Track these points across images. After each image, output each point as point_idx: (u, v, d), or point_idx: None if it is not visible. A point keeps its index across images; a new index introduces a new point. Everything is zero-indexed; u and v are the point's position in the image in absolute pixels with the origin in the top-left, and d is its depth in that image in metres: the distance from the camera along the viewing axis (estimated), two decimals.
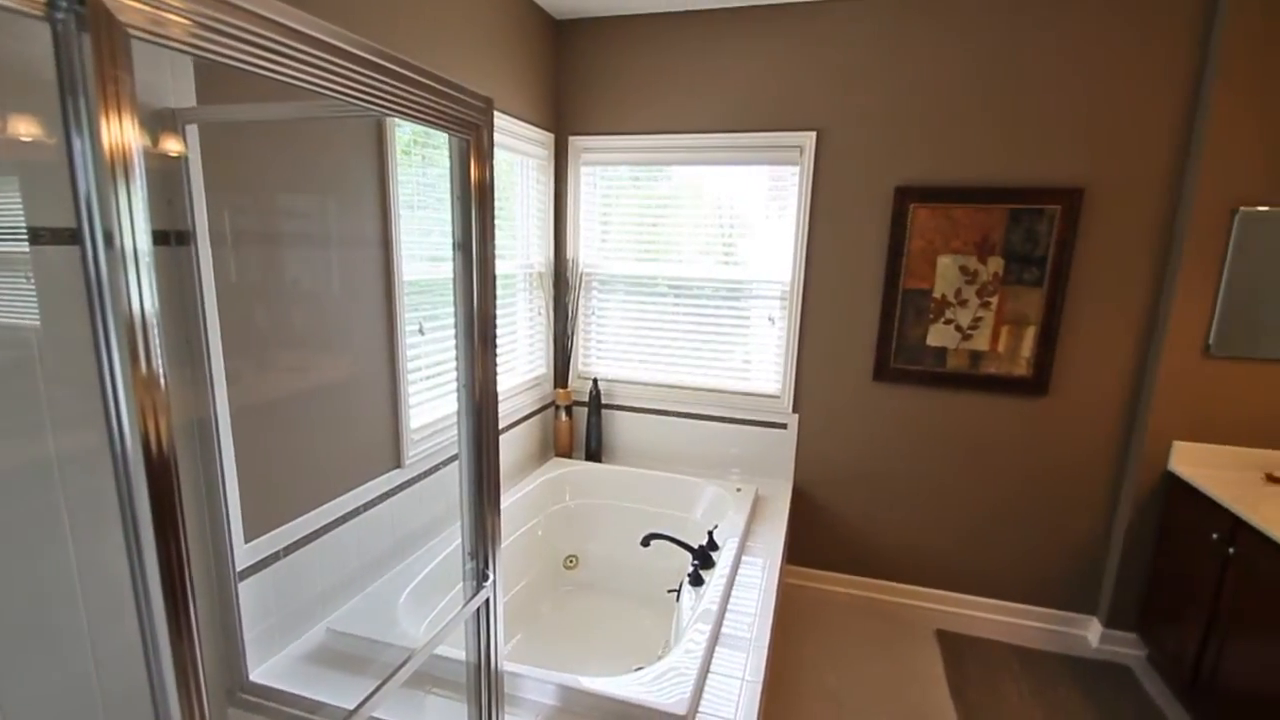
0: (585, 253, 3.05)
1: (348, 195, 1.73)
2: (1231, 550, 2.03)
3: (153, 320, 0.60)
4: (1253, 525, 1.94)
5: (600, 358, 3.15)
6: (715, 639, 1.79)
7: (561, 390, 3.06)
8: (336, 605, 1.78)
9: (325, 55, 0.77)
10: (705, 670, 1.66)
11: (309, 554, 1.67)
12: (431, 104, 0.99)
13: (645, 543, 2.36)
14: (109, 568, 1.12)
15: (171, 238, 1.28)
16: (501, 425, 2.67)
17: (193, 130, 1.28)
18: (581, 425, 3.15)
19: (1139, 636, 2.58)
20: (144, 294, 0.59)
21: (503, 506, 2.04)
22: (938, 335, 2.66)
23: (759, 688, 1.62)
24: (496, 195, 2.55)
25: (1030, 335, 2.57)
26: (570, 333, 3.06)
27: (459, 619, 1.23)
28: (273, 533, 1.56)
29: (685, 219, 2.92)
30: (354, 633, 1.67)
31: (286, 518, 1.60)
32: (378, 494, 1.91)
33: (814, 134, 2.65)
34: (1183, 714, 2.27)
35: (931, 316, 2.65)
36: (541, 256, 2.97)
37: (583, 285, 3.08)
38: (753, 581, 2.11)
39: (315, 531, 1.69)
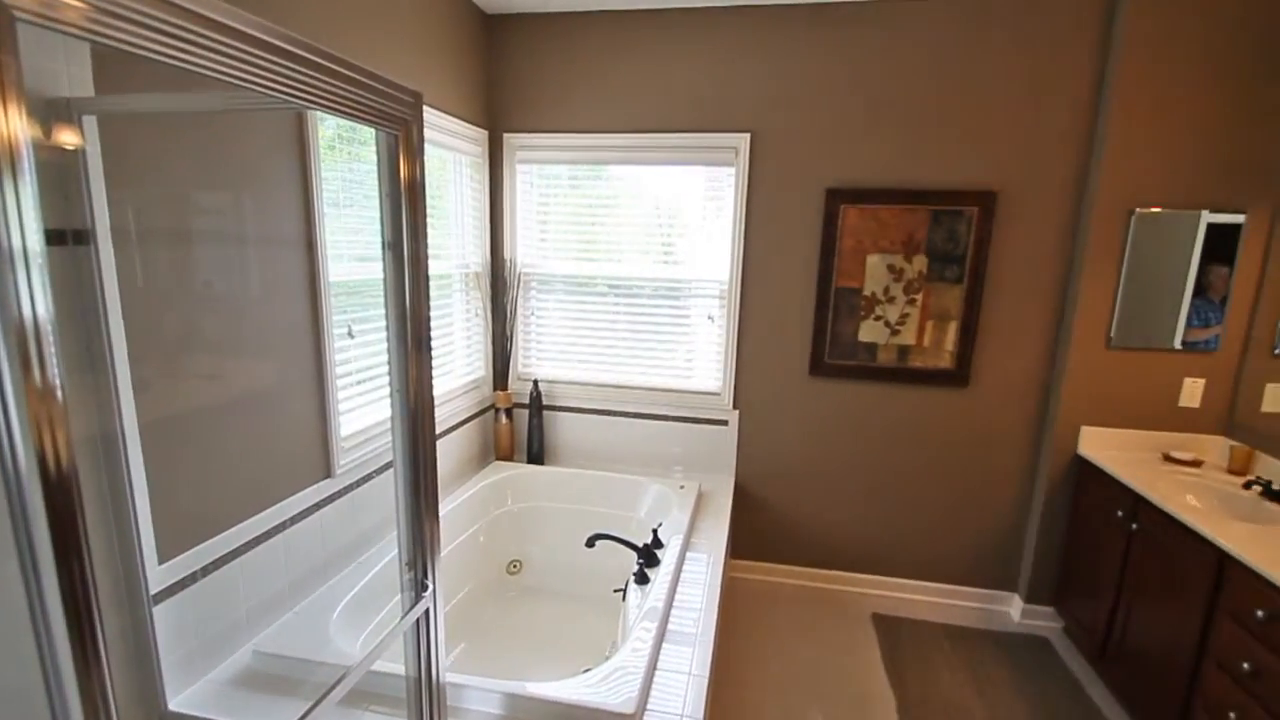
0: (523, 252, 3.01)
1: (267, 192, 1.64)
2: (1135, 526, 2.21)
3: (47, 325, 0.55)
4: (1152, 502, 2.11)
5: (540, 359, 3.12)
6: (662, 636, 1.80)
7: (501, 392, 3.01)
8: (264, 625, 1.69)
9: (237, 44, 0.73)
10: (653, 667, 1.66)
11: (232, 572, 1.58)
12: (355, 98, 0.95)
13: (590, 543, 2.35)
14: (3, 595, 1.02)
15: (69, 236, 1.18)
16: (439, 430, 2.60)
17: (90, 121, 1.18)
18: (523, 428, 3.10)
19: (1056, 610, 2.76)
20: (36, 297, 0.54)
21: (442, 513, 1.98)
22: (868, 331, 2.77)
23: (705, 682, 1.64)
24: (429, 193, 2.47)
25: (952, 330, 2.71)
26: (509, 334, 3.01)
27: (397, 632, 1.18)
28: (190, 552, 1.46)
29: (624, 218, 2.92)
30: (283, 653, 1.59)
31: (205, 535, 1.51)
32: (307, 506, 1.82)
33: (748, 136, 2.71)
34: (1095, 680, 2.45)
35: (862, 313, 2.76)
36: (478, 256, 2.91)
37: (521, 285, 3.03)
38: (698, 577, 2.14)
39: (238, 548, 1.60)
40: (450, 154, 2.67)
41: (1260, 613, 1.64)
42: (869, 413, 2.86)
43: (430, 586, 1.26)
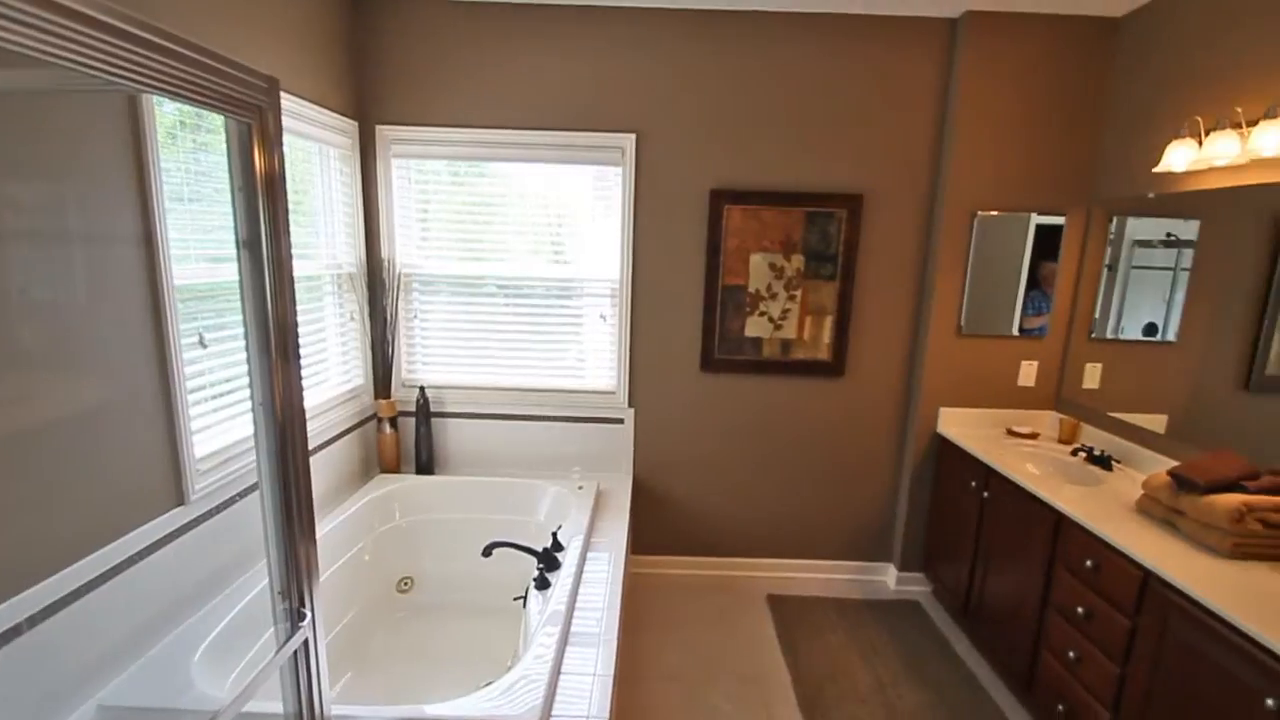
0: (403, 252, 2.85)
1: (93, 185, 1.43)
2: (986, 494, 2.46)
3: None
4: (999, 472, 2.37)
5: (426, 364, 2.97)
6: (565, 639, 1.77)
7: (384, 401, 2.83)
8: (110, 677, 1.48)
9: (50, 15, 0.62)
10: (557, 672, 1.63)
11: (64, 622, 1.36)
12: (198, 80, 0.85)
13: (486, 553, 2.27)
14: None
15: None
16: (313, 444, 2.40)
17: None
18: (409, 437, 2.94)
19: (925, 575, 3.03)
20: None
21: (320, 534, 1.84)
22: (754, 327, 2.89)
23: (610, 681, 1.63)
24: (292, 187, 2.28)
25: (828, 324, 2.89)
26: (390, 338, 2.84)
27: (272, 667, 1.08)
28: (7, 604, 1.24)
29: (512, 217, 2.85)
30: (135, 705, 1.40)
31: (25, 583, 1.29)
32: (157, 538, 1.62)
33: (634, 136, 2.73)
34: (960, 635, 2.71)
35: (748, 310, 2.87)
36: (351, 256, 2.72)
37: (401, 287, 2.87)
38: (599, 577, 2.13)
39: (73, 593, 1.38)
40: (315, 145, 2.47)
41: (1089, 562, 1.88)
42: (757, 405, 2.99)
43: (308, 614, 1.15)
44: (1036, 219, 2.70)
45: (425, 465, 2.89)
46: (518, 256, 2.87)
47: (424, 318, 2.92)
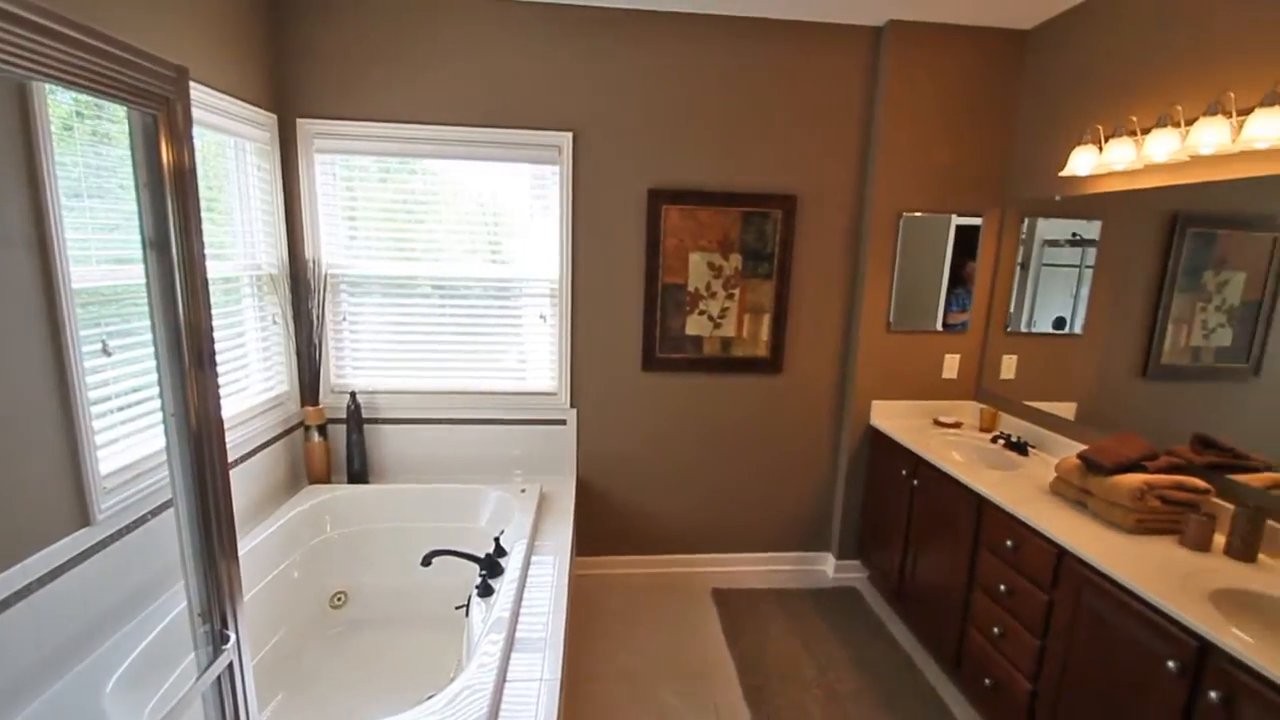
0: (329, 251, 2.73)
1: None
2: (916, 482, 2.58)
3: None
4: (927, 460, 2.48)
5: (357, 368, 2.85)
6: (510, 646, 1.74)
7: (311, 408, 2.70)
8: (12, 714, 1.35)
9: None
10: (502, 680, 1.60)
11: None
12: (96, 69, 0.78)
13: (426, 562, 2.20)
14: None
15: None
16: (234, 456, 2.27)
17: None
18: (340, 445, 2.82)
19: (861, 562, 3.15)
20: None
21: (243, 551, 1.74)
22: (694, 325, 2.92)
23: (558, 685, 1.61)
24: (204, 184, 2.15)
25: (766, 321, 2.95)
26: (317, 342, 2.71)
27: (194, 694, 1.01)
28: None
29: (446, 215, 2.77)
30: None
31: None
32: (59, 562, 1.48)
33: (570, 134, 2.71)
34: (894, 617, 2.83)
35: (688, 308, 2.90)
36: (272, 256, 2.58)
37: (328, 288, 2.75)
38: (544, 581, 2.10)
39: None
40: (230, 139, 2.33)
41: (1009, 542, 2.00)
42: (698, 402, 3.02)
43: (233, 637, 1.09)
44: (957, 220, 2.85)
45: (358, 474, 2.78)
46: (453, 256, 2.80)
47: (354, 320, 2.81)
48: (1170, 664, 1.43)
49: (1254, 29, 1.80)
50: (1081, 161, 2.25)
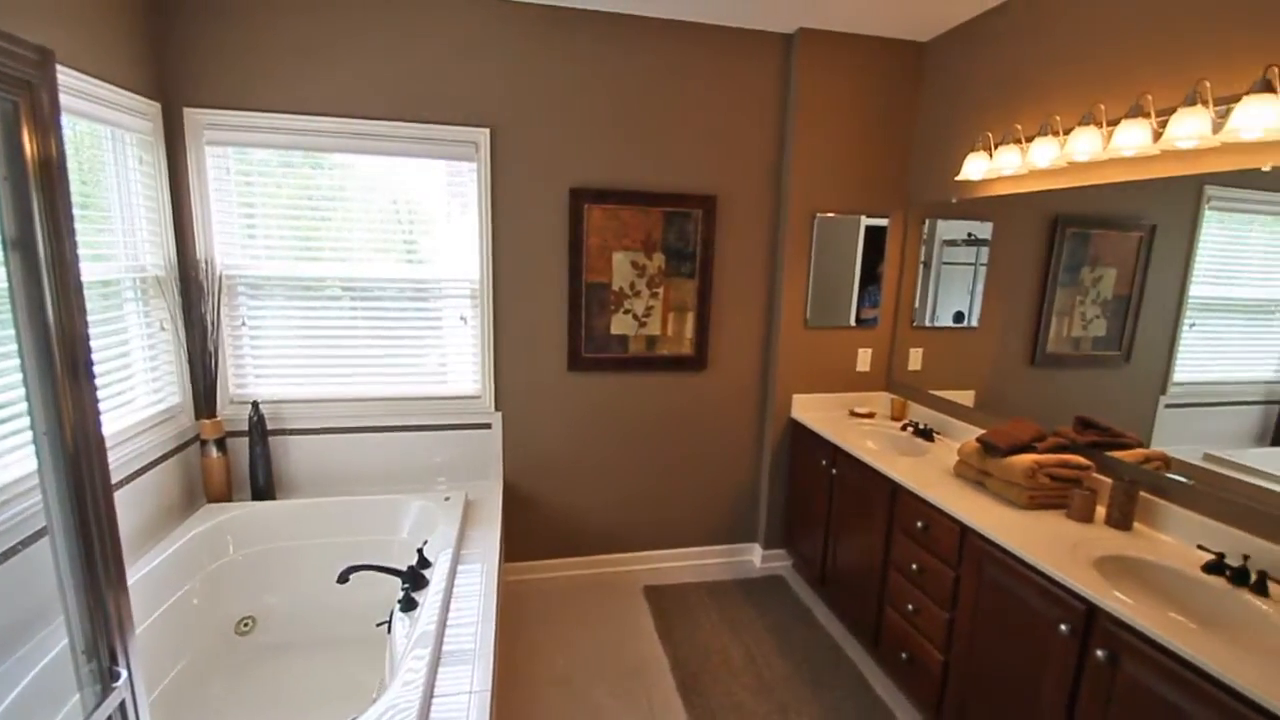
0: (224, 251, 2.53)
1: None
2: (835, 471, 2.69)
3: None
4: (844, 449, 2.59)
5: (260, 376, 2.66)
6: (437, 660, 1.68)
7: (208, 421, 2.50)
8: None
9: None
10: (429, 696, 1.54)
11: None
12: None
13: (343, 579, 2.08)
14: None
15: None
16: (118, 476, 2.07)
17: None
18: (242, 460, 2.62)
19: (786, 551, 3.26)
20: None
21: (133, 580, 1.59)
22: (619, 324, 2.92)
23: (488, 696, 1.57)
24: (78, 178, 1.96)
25: (690, 320, 3.00)
26: (213, 349, 2.51)
27: None
28: None
29: (356, 213, 2.63)
30: None
31: None
32: None
33: (487, 131, 2.64)
34: (817, 601, 2.94)
35: (613, 308, 2.90)
36: (157, 257, 2.36)
37: (224, 290, 2.55)
38: (472, 590, 2.04)
39: None
40: (107, 129, 2.11)
41: (920, 523, 2.12)
42: (625, 401, 3.03)
43: (123, 673, 0.99)
44: (866, 220, 3.00)
45: (263, 490, 2.59)
46: (365, 256, 2.66)
47: (255, 324, 2.62)
48: (1062, 627, 1.57)
49: (1121, 51, 2.00)
50: (974, 167, 2.42)
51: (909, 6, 2.52)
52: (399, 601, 1.95)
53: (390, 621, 1.91)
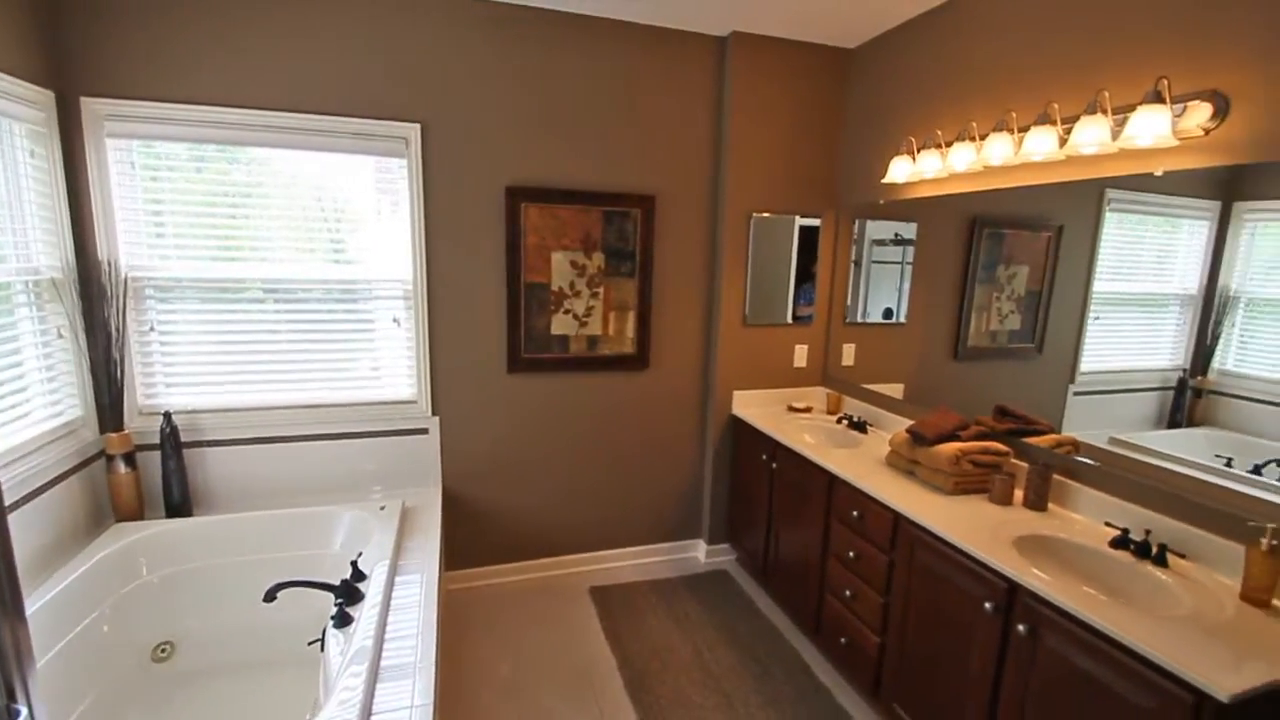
0: (130, 252, 2.35)
1: None
2: (775, 465, 2.75)
3: None
4: (783, 443, 2.66)
5: (171, 385, 2.49)
6: (375, 676, 1.61)
7: (114, 435, 2.31)
8: None
9: None
10: (368, 714, 1.48)
11: None
12: None
13: (270, 597, 1.97)
14: None
15: None
16: (13, 498, 1.89)
17: None
18: (154, 475, 2.44)
19: (730, 545, 3.31)
20: None
21: (32, 609, 1.47)
22: (560, 324, 2.89)
23: (430, 710, 1.52)
24: None
25: (631, 319, 3.00)
26: (119, 358, 2.33)
27: None
28: None
29: (277, 210, 2.50)
30: None
31: None
32: None
33: (418, 126, 2.56)
34: (761, 594, 3.00)
35: (553, 307, 2.86)
36: (54, 258, 2.17)
37: (130, 294, 2.37)
38: (410, 601, 1.97)
39: None
40: None
41: (855, 512, 2.20)
42: (567, 402, 3.00)
43: (23, 710, 0.90)
44: (800, 221, 3.08)
45: (179, 506, 2.43)
46: (288, 256, 2.53)
47: (166, 329, 2.45)
48: (987, 605, 1.65)
49: (1031, 62, 2.13)
50: (899, 170, 2.53)
51: (835, 15, 2.60)
52: (332, 618, 1.87)
53: (323, 639, 1.83)
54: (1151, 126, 1.59)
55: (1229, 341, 1.61)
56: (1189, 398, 1.71)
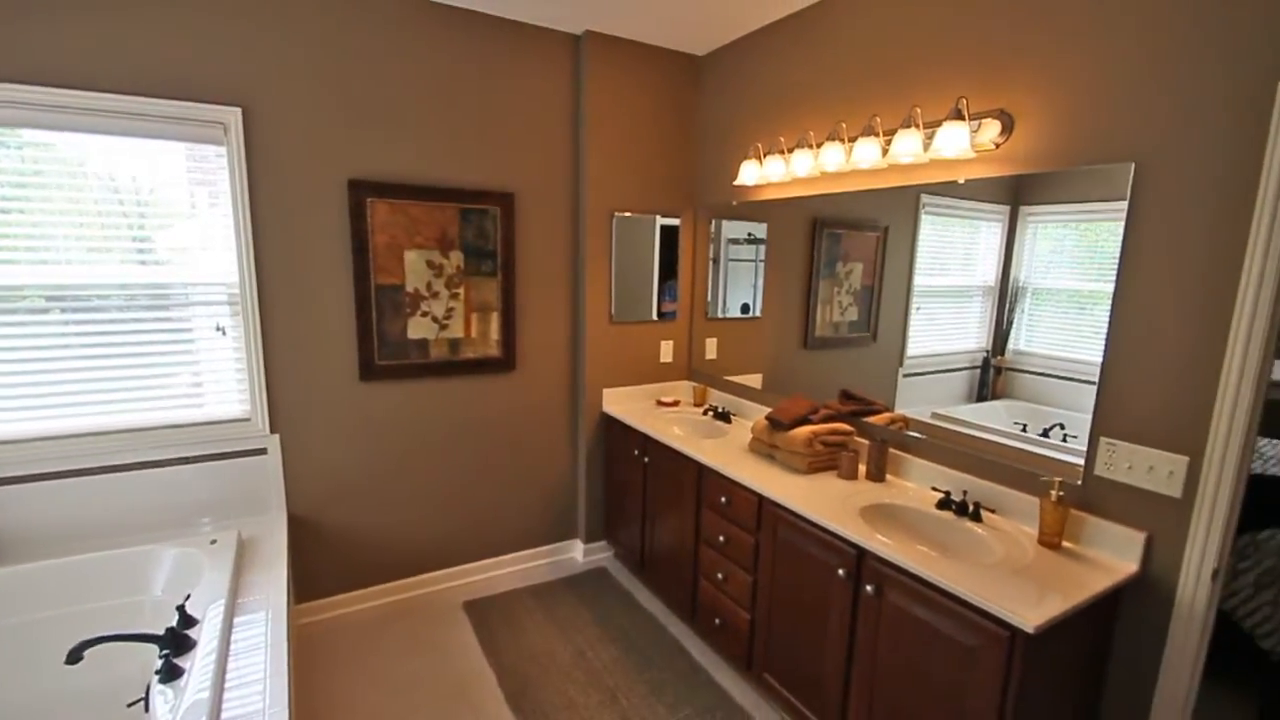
0: None
1: None
2: (646, 459, 2.81)
3: None
4: (653, 437, 2.72)
5: None
6: None
7: None
8: None
9: None
10: None
11: None
12: None
13: (74, 658, 1.67)
14: None
15: None
16: None
17: None
18: None
19: (607, 542, 3.33)
20: None
21: None
22: (417, 328, 2.73)
23: None
24: None
25: (495, 320, 2.91)
26: None
27: None
28: None
29: (61, 204, 2.11)
30: None
31: None
32: None
33: (239, 110, 2.28)
34: (640, 587, 3.05)
35: (409, 310, 2.70)
36: None
37: None
38: (254, 643, 1.76)
39: None
40: None
41: (723, 498, 2.30)
42: (429, 409, 2.84)
43: None
44: (661, 220, 3.16)
45: None
46: (77, 257, 2.15)
47: None
48: (840, 571, 1.81)
49: (858, 77, 2.34)
50: (748, 173, 2.68)
51: (683, 23, 2.70)
52: (157, 672, 1.62)
53: (147, 698, 1.58)
54: (954, 140, 1.82)
55: (1020, 325, 1.89)
56: (992, 375, 1.98)
